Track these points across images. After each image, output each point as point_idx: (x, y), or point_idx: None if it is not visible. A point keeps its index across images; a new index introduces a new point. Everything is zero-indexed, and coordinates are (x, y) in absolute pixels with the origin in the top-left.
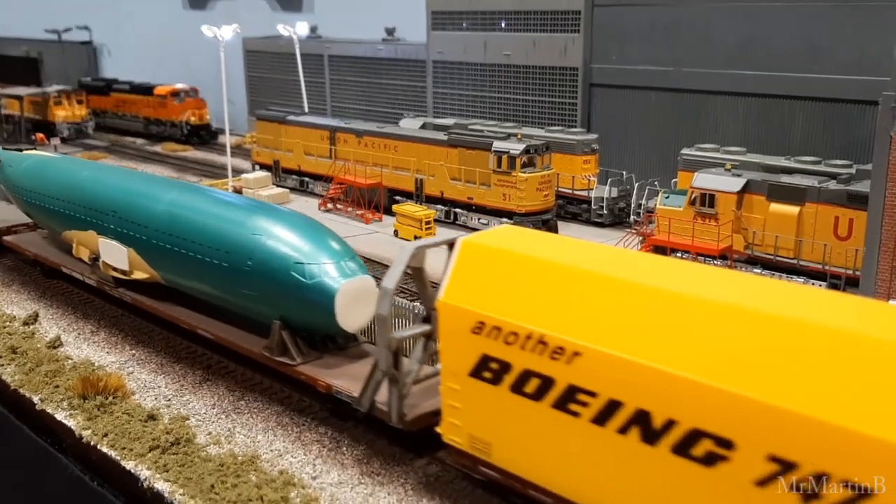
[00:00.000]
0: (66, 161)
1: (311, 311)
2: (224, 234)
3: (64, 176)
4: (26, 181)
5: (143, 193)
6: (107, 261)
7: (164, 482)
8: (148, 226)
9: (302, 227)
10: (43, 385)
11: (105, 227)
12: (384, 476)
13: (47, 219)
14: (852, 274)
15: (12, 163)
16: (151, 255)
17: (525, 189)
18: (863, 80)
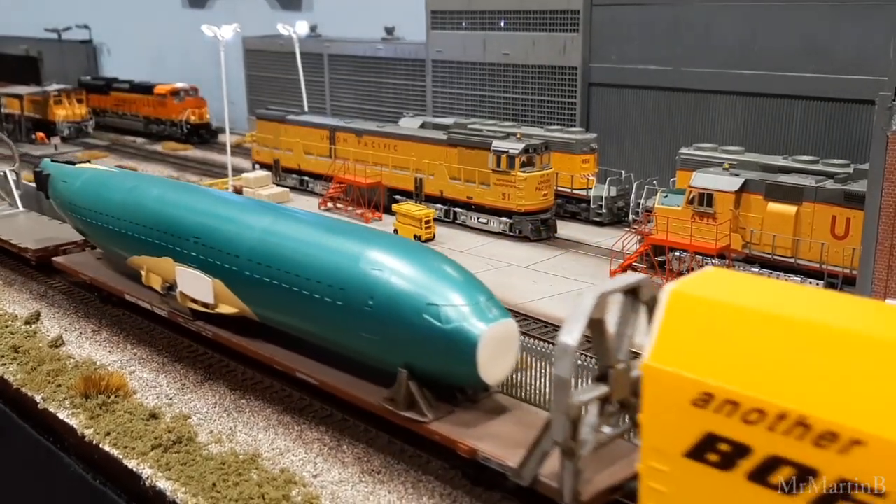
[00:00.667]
0: (128, 177)
1: (447, 360)
2: (338, 268)
3: (131, 194)
4: (83, 199)
5: (231, 218)
6: (185, 292)
7: (166, 481)
8: (240, 255)
9: (427, 259)
10: (45, 384)
11: (184, 254)
12: (385, 474)
13: (109, 242)
14: (849, 273)
15: (65, 177)
16: (244, 288)
17: (524, 188)
18: (860, 80)
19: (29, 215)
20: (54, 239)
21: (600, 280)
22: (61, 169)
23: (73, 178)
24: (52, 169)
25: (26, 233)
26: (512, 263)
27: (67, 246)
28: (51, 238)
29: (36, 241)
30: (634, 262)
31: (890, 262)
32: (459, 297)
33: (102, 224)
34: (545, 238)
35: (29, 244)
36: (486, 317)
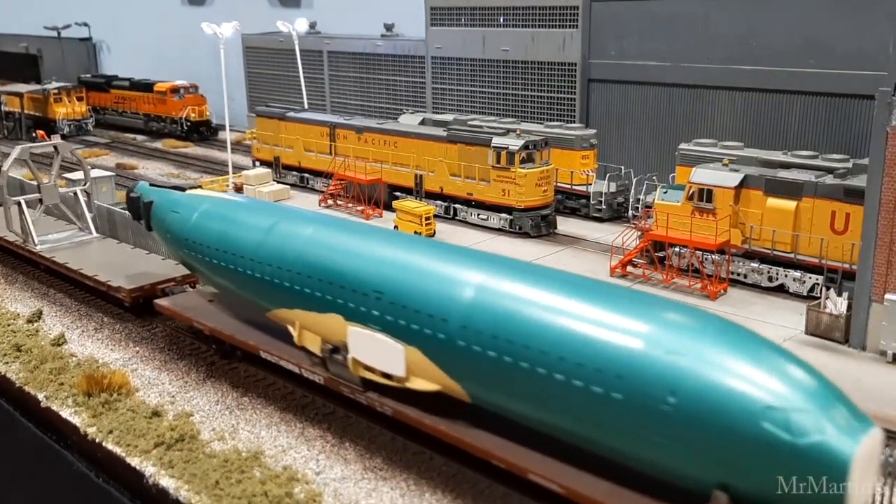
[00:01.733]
0: (262, 209)
1: (798, 485)
2: (615, 350)
3: (274, 234)
4: (204, 236)
5: (430, 269)
6: (360, 358)
7: (169, 478)
8: (449, 319)
9: (746, 340)
10: (48, 382)
11: (361, 312)
12: (387, 471)
13: (241, 289)
14: (849, 268)
15: (176, 207)
16: (455, 361)
17: (524, 184)
18: (860, 75)
19: (105, 243)
20: (149, 275)
21: (600, 276)
22: (168, 196)
23: (187, 208)
24: (156, 196)
25: (110, 266)
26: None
27: (166, 284)
28: (143, 273)
29: (127, 277)
30: (634, 258)
31: (889, 257)
32: (808, 398)
33: (233, 268)
34: (545, 234)
35: (120, 281)
36: (850, 427)
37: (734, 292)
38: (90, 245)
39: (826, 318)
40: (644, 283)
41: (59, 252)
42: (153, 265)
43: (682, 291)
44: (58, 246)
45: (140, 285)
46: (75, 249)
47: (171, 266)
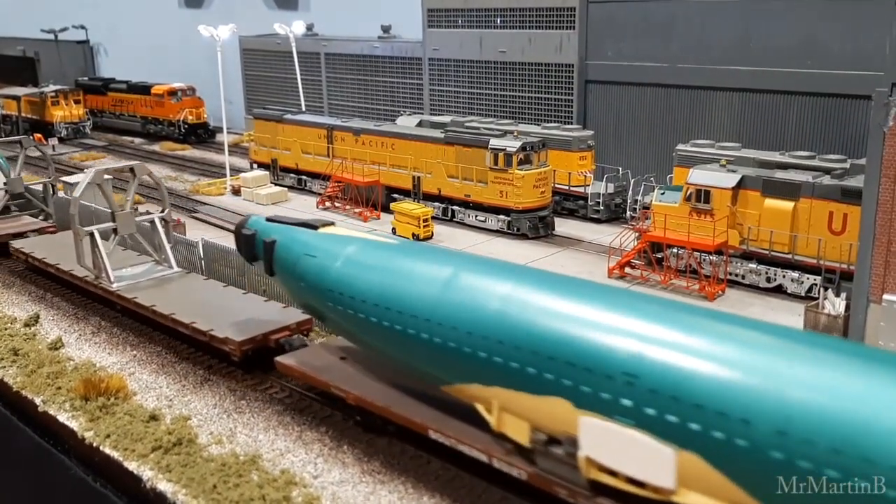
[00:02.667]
0: (427, 254)
1: None
2: None
3: (454, 289)
4: (356, 288)
5: (714, 354)
6: (596, 457)
7: (167, 483)
8: (753, 421)
9: None
10: (45, 387)
11: (600, 399)
12: (385, 474)
13: (414, 356)
14: (847, 269)
15: (310, 249)
16: (764, 479)
17: (522, 186)
18: (857, 75)
19: (190, 280)
20: (255, 322)
21: (598, 277)
22: (297, 236)
23: (326, 252)
24: (281, 235)
25: (205, 309)
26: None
27: (280, 334)
28: (249, 320)
29: (232, 325)
30: (632, 259)
31: (887, 258)
32: None
33: (399, 329)
34: (543, 235)
35: (225, 330)
36: None
37: (732, 293)
38: (173, 282)
39: (824, 319)
40: (642, 284)
41: (140, 292)
42: (254, 308)
43: (680, 292)
44: (137, 283)
45: (251, 336)
46: (158, 288)
47: (277, 310)
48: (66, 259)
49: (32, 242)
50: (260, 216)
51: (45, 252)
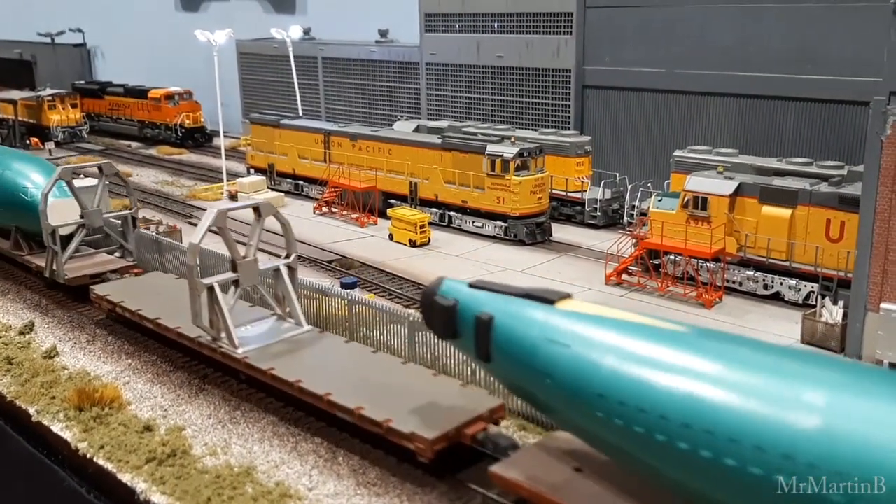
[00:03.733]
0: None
1: None
2: None
3: None
4: (648, 397)
5: None
6: None
7: (161, 495)
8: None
9: None
10: (39, 396)
11: None
12: (380, 486)
13: None
14: (844, 276)
15: (560, 336)
16: None
17: (519, 192)
18: (855, 81)
19: (328, 341)
20: (442, 409)
21: (595, 284)
22: (529, 313)
23: (584, 341)
24: (499, 309)
25: (367, 387)
26: (507, 267)
27: (475, 426)
28: (432, 406)
29: (412, 413)
30: (629, 266)
31: (885, 266)
32: None
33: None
34: (540, 241)
35: (409, 422)
36: None
37: (729, 300)
38: (309, 346)
39: (822, 327)
40: (639, 291)
41: (274, 360)
42: (425, 384)
43: (678, 300)
44: (266, 348)
45: (443, 431)
46: (293, 355)
47: (455, 388)
48: (165, 310)
49: (117, 288)
50: (455, 280)
51: (137, 301)
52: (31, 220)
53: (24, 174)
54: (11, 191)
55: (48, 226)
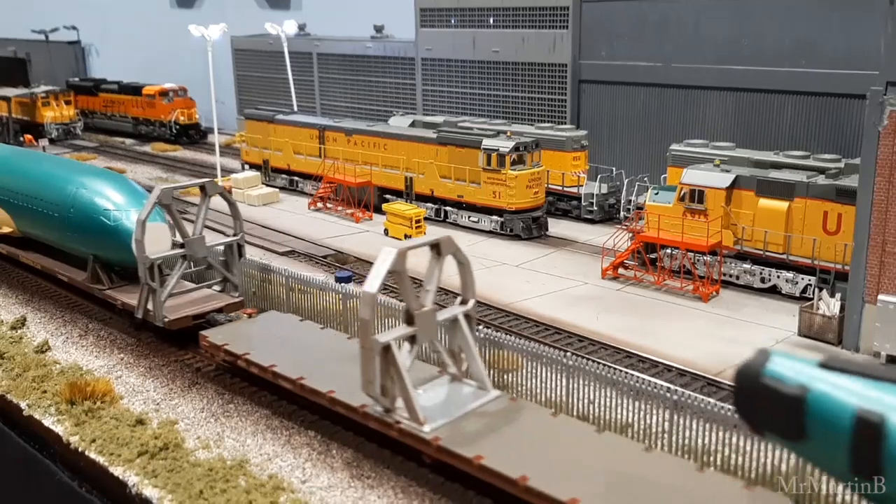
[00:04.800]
0: None
1: None
2: None
3: None
4: None
5: None
6: None
7: (153, 488)
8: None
9: None
10: (30, 391)
11: None
12: (374, 479)
13: None
14: (841, 269)
15: None
16: None
17: (515, 186)
18: (851, 74)
19: (525, 411)
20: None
21: (592, 278)
22: None
23: None
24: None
25: (621, 486)
26: (503, 262)
27: None
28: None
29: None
30: (626, 260)
31: (882, 258)
32: None
33: None
34: (536, 236)
35: None
36: None
37: (726, 294)
38: (509, 420)
39: (819, 320)
40: (636, 284)
41: (476, 442)
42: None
43: (674, 293)
44: (456, 424)
45: None
46: (497, 435)
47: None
48: (302, 364)
49: (233, 333)
50: (789, 354)
51: (264, 351)
52: (114, 249)
53: (103, 194)
54: (89, 214)
55: (145, 258)
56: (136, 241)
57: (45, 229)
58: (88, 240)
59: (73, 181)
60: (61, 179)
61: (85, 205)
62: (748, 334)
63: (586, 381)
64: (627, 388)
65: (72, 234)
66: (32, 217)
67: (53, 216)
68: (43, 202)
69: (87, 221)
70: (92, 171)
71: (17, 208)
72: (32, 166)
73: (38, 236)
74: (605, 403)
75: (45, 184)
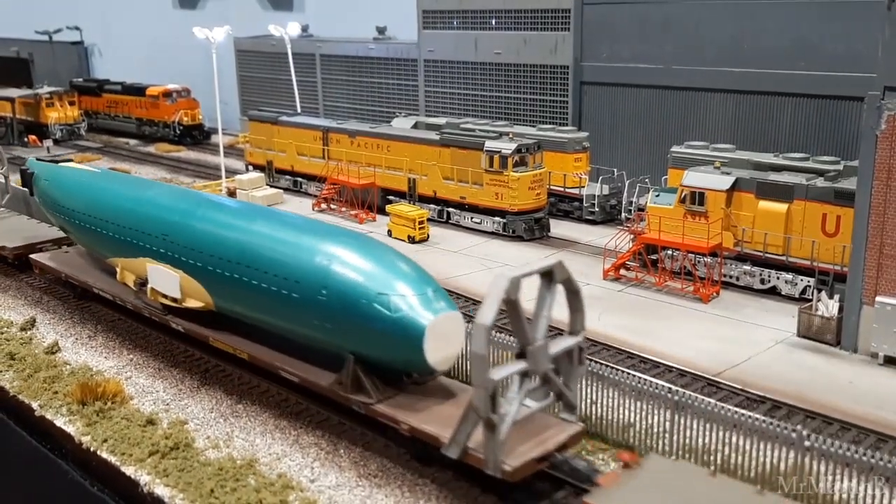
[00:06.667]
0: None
1: None
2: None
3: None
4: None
5: None
6: None
7: (164, 487)
8: None
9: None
10: (42, 391)
11: None
12: (381, 478)
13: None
14: (840, 270)
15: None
16: None
17: (517, 188)
18: (850, 76)
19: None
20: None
21: (593, 279)
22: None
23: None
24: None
25: None
26: (505, 263)
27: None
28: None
29: None
30: (627, 261)
31: (880, 260)
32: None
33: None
34: (538, 237)
35: None
36: None
37: (726, 295)
38: None
39: (818, 321)
40: (637, 285)
41: None
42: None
43: (675, 294)
44: None
45: None
46: None
47: None
48: None
49: None
50: None
51: None
52: (390, 349)
53: (372, 273)
54: (354, 300)
55: (487, 380)
56: (477, 356)
57: (269, 312)
58: (349, 334)
59: (318, 250)
60: (299, 247)
61: (346, 286)
62: (748, 335)
63: None
64: None
65: (320, 324)
66: (248, 294)
67: (290, 297)
68: (270, 276)
69: (351, 309)
70: (340, 235)
71: (220, 280)
72: (243, 223)
73: (251, 317)
74: None
75: (271, 250)
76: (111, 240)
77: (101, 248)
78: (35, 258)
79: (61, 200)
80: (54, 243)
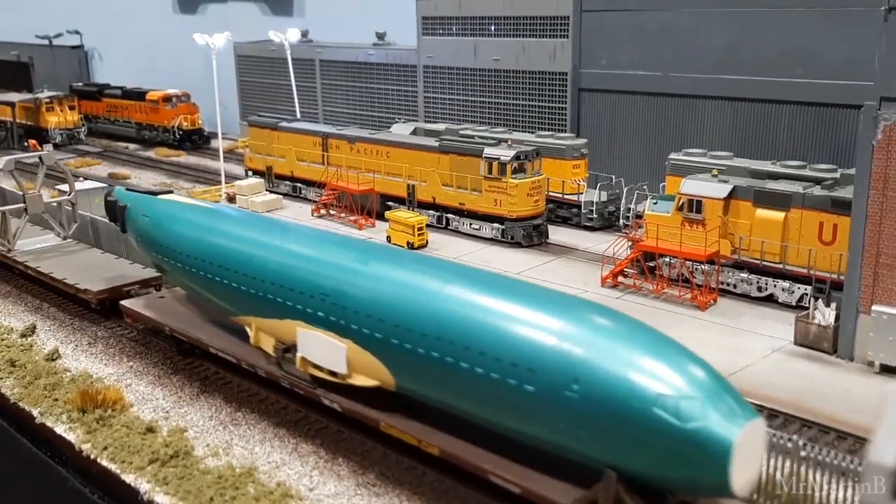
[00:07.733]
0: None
1: None
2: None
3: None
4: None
5: None
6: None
7: (164, 495)
8: None
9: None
10: (42, 398)
11: None
12: (380, 486)
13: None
14: (837, 278)
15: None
16: None
17: (516, 195)
18: (847, 85)
19: None
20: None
21: (591, 286)
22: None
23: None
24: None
25: None
26: (504, 269)
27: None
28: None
29: None
30: (625, 268)
31: (876, 269)
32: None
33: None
34: (537, 243)
35: None
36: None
37: (724, 302)
38: None
39: (814, 329)
40: (635, 293)
41: None
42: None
43: (673, 301)
44: None
45: None
46: None
47: None
48: None
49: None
50: None
51: None
52: (674, 468)
53: (647, 368)
54: (618, 398)
55: None
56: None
57: (485, 405)
58: (613, 445)
59: (562, 331)
60: (535, 325)
61: (610, 382)
62: (745, 343)
63: None
64: None
65: (569, 430)
66: (453, 379)
67: (522, 390)
68: (490, 360)
69: (618, 415)
70: (590, 309)
71: (411, 357)
72: (439, 284)
73: (452, 407)
74: None
75: (492, 326)
76: (244, 295)
77: (228, 303)
78: (127, 306)
79: (172, 244)
80: (142, 285)
